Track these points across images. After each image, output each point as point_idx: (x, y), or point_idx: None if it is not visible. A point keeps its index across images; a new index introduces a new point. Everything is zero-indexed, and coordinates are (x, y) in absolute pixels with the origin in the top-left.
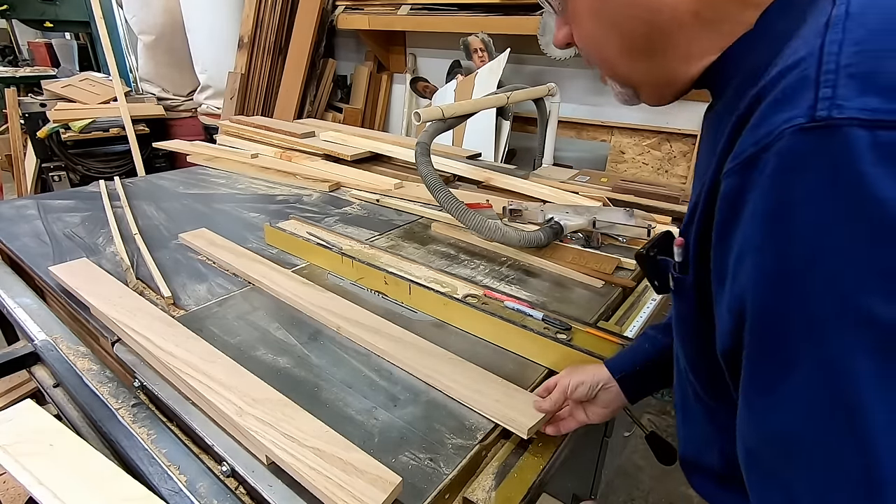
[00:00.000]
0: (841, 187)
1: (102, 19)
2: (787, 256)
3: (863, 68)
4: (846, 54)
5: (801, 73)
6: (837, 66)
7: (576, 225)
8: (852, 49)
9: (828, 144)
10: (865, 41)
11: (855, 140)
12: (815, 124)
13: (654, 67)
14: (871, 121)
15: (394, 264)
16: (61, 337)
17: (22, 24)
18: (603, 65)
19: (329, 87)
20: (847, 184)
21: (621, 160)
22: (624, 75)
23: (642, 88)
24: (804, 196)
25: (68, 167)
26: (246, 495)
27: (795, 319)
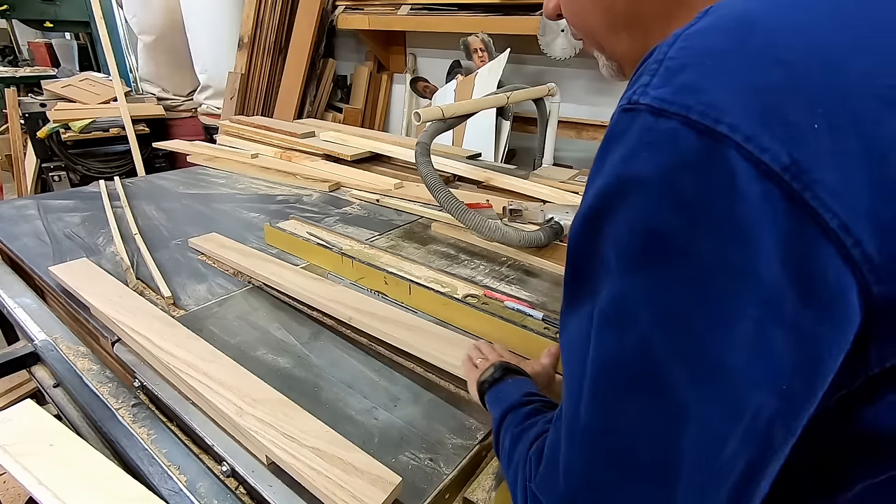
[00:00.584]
0: (623, 161)
1: (102, 19)
2: (586, 210)
3: (675, 63)
4: (674, 48)
5: (645, 64)
6: (664, 57)
7: None
8: (679, 45)
9: (627, 124)
10: (691, 38)
11: (642, 122)
12: (628, 106)
13: (634, 43)
14: (657, 109)
15: (394, 264)
16: (61, 337)
17: (22, 24)
18: (588, 37)
19: (329, 87)
20: (626, 159)
21: None
22: (608, 48)
23: (625, 64)
24: (606, 168)
25: (68, 167)
26: (246, 495)
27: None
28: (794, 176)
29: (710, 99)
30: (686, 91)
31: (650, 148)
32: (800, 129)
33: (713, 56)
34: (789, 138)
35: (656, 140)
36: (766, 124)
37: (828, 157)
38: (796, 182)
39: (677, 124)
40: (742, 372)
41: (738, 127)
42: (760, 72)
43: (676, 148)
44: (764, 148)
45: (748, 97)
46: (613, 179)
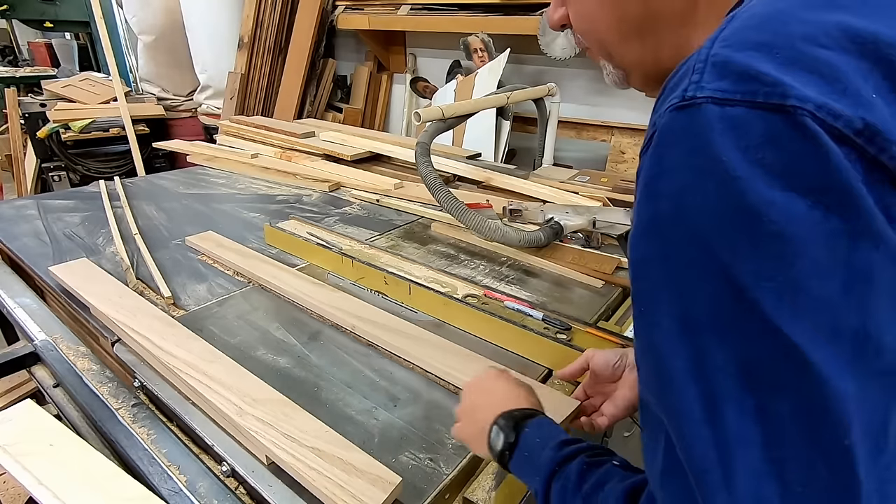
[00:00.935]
0: (695, 152)
1: (102, 19)
2: (656, 214)
3: (721, 58)
4: (716, 47)
5: (686, 66)
6: (708, 56)
7: (576, 225)
8: (721, 44)
9: (689, 118)
10: (730, 37)
11: (708, 114)
12: (683, 103)
13: (644, 51)
14: (721, 99)
15: (394, 264)
16: (61, 337)
17: (22, 24)
18: (597, 46)
19: (329, 87)
20: (699, 149)
21: (621, 160)
22: (616, 56)
23: (632, 71)
24: (670, 163)
25: (68, 167)
26: (246, 495)
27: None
28: (868, 140)
29: (771, 79)
30: (745, 79)
31: (725, 134)
32: (862, 98)
33: (759, 47)
34: (857, 105)
35: (729, 126)
36: (833, 95)
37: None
38: (871, 146)
39: (745, 109)
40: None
41: (806, 97)
42: (808, 53)
43: (753, 129)
44: (836, 115)
45: (805, 74)
46: (689, 172)
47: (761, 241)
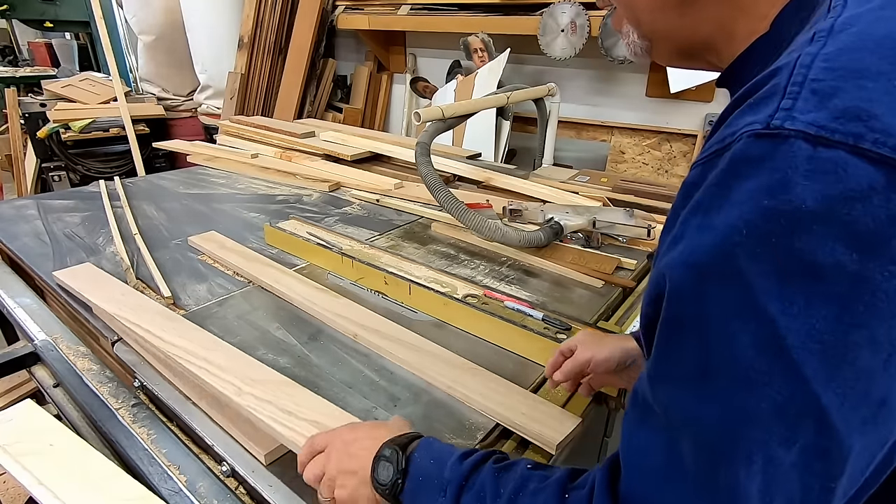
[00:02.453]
0: (772, 192)
1: (102, 19)
2: (710, 249)
3: (825, 85)
4: (816, 69)
5: (774, 82)
6: (805, 79)
7: (576, 225)
8: (822, 65)
9: (773, 152)
10: (836, 58)
11: (797, 151)
12: (768, 132)
13: (682, 23)
14: (816, 136)
15: (394, 264)
16: (61, 337)
17: (22, 24)
18: (630, 12)
19: (329, 87)
20: (775, 190)
21: (621, 160)
22: (646, 24)
23: (660, 45)
24: (738, 197)
25: (68, 167)
26: (246, 495)
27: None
28: None
29: (884, 126)
30: (850, 117)
31: (812, 177)
32: None
33: (872, 78)
34: None
35: (819, 169)
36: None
37: None
38: None
39: (844, 153)
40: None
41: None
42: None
43: (847, 178)
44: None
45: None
46: (757, 213)
47: (821, 303)
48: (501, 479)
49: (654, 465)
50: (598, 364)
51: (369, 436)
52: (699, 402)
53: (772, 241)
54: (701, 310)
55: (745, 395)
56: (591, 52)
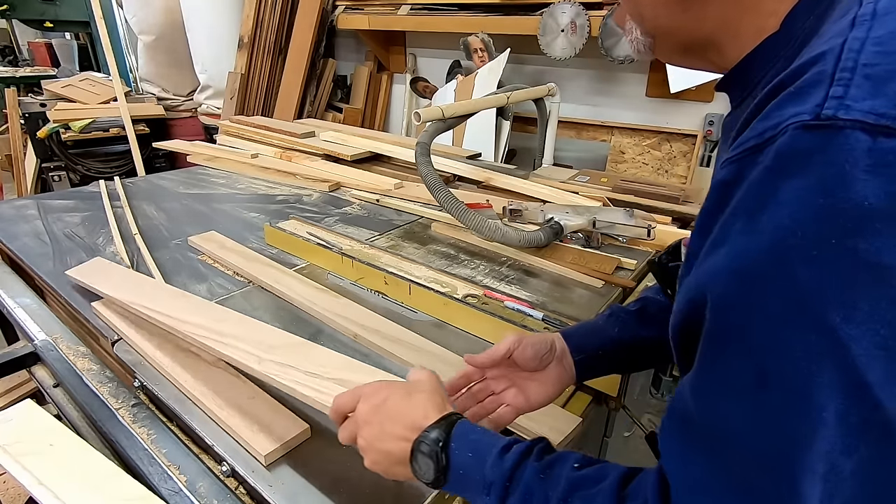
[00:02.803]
0: (828, 190)
1: (102, 19)
2: (757, 254)
3: (881, 70)
4: (867, 53)
5: (819, 69)
6: (856, 64)
7: (576, 225)
8: (874, 49)
9: (826, 145)
10: (889, 41)
11: (854, 143)
12: (818, 123)
13: (685, 19)
14: (876, 126)
15: (394, 264)
16: (61, 337)
17: (22, 24)
18: (634, 8)
19: (329, 87)
20: (833, 187)
21: (621, 160)
22: (652, 22)
23: (663, 41)
24: (787, 196)
25: (68, 167)
26: (246, 495)
27: (746, 316)
28: None
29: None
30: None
31: (874, 171)
32: None
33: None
34: None
35: (882, 162)
36: None
37: None
38: None
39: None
40: None
41: None
42: None
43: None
44: None
45: None
46: (811, 213)
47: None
48: (548, 482)
49: (698, 477)
50: (526, 353)
51: (401, 421)
52: (753, 414)
53: (831, 242)
54: (750, 320)
55: (804, 406)
56: (591, 52)
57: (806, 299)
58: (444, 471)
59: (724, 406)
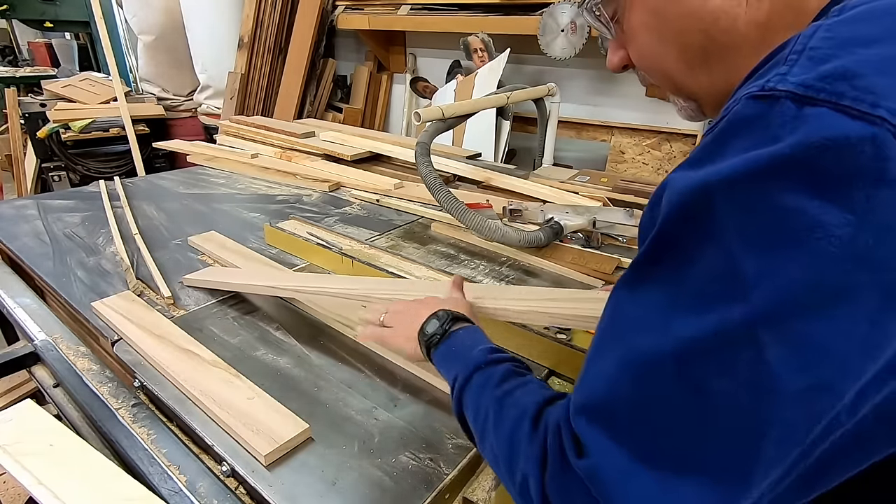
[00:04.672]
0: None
1: (102, 19)
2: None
3: (821, 52)
4: (816, 38)
5: (781, 54)
6: (804, 47)
7: (576, 225)
8: (822, 35)
9: (763, 111)
10: (836, 28)
11: (783, 109)
12: (762, 93)
13: (714, 79)
14: (800, 96)
15: (394, 264)
16: (61, 337)
17: (22, 24)
18: (665, 81)
19: (329, 87)
20: (761, 142)
21: (621, 160)
22: (686, 89)
23: (704, 101)
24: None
25: (68, 167)
26: (246, 495)
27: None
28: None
29: (866, 84)
30: (836, 77)
31: (793, 133)
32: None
33: (864, 43)
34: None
35: (800, 127)
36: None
37: None
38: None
39: (826, 110)
40: (848, 356)
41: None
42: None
43: (824, 132)
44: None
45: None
46: (740, 162)
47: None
48: (509, 378)
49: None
50: None
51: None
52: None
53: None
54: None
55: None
56: (591, 52)
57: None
58: (443, 335)
59: (625, 297)
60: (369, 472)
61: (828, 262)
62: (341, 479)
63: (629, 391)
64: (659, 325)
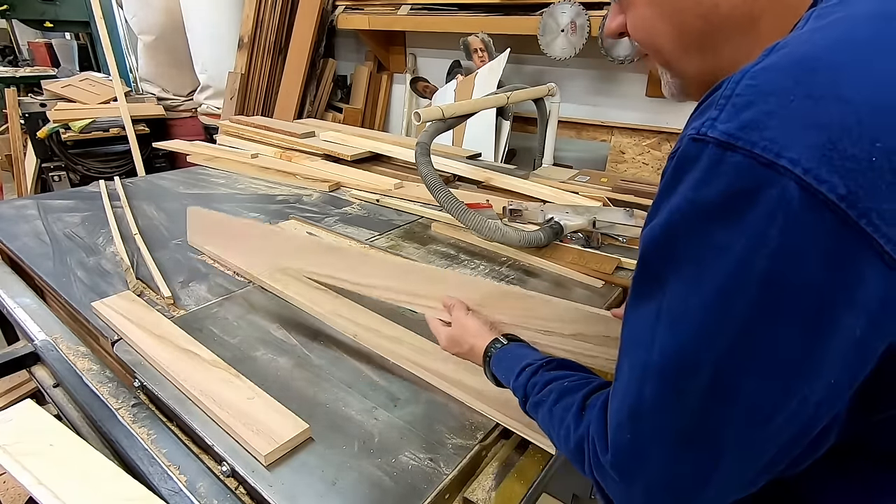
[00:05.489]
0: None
1: (102, 19)
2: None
3: (743, 100)
4: (741, 84)
5: (717, 93)
6: (732, 93)
7: (576, 225)
8: (747, 82)
9: (699, 155)
10: (758, 76)
11: (711, 154)
12: (698, 137)
13: (704, 64)
14: (724, 143)
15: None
16: (61, 337)
17: (22, 24)
18: (656, 54)
19: (329, 87)
20: (696, 184)
21: (621, 160)
22: (675, 67)
23: (690, 83)
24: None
25: (68, 167)
26: (246, 495)
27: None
28: (851, 205)
29: (774, 135)
30: (751, 127)
31: (717, 177)
32: (858, 163)
33: (777, 95)
34: (847, 171)
35: (722, 171)
36: (825, 159)
37: (886, 188)
38: (852, 210)
39: (741, 157)
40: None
41: (797, 161)
42: (821, 110)
43: (740, 178)
44: (822, 180)
45: (808, 133)
46: (684, 202)
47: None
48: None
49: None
50: None
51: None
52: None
53: (688, 225)
54: (651, 266)
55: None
56: (591, 52)
57: (678, 258)
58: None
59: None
60: (369, 472)
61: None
62: (341, 479)
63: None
64: (649, 338)
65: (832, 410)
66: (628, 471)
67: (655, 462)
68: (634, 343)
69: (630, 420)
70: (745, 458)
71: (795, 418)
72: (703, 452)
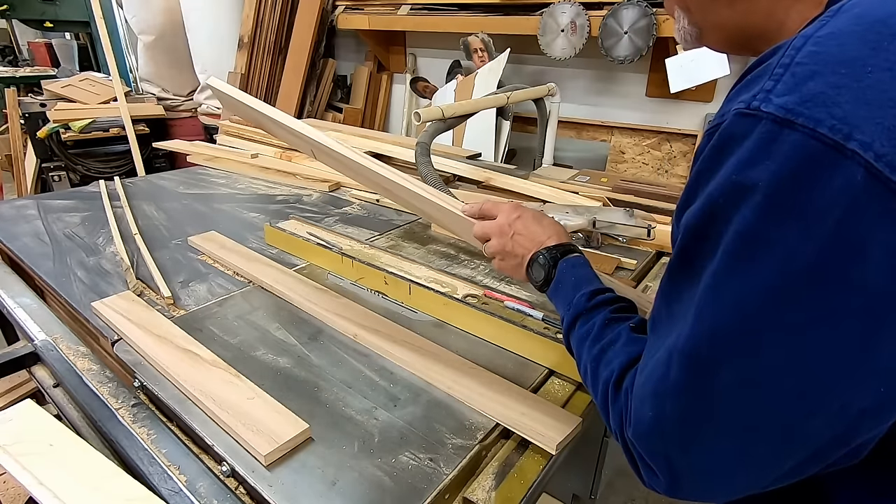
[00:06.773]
0: (741, 166)
1: (102, 19)
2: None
3: (806, 69)
4: (804, 52)
5: (770, 61)
6: (791, 61)
7: (576, 225)
8: (810, 48)
9: (749, 132)
10: (824, 42)
11: (764, 131)
12: (748, 112)
13: (733, 14)
14: (781, 119)
15: (394, 264)
16: (61, 337)
17: (22, 24)
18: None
19: (329, 87)
20: (743, 164)
21: (621, 160)
22: (697, 13)
23: (710, 32)
24: (721, 171)
25: (68, 167)
26: (246, 495)
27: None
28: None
29: (843, 113)
30: (815, 102)
31: (769, 157)
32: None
33: (848, 65)
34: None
35: (776, 151)
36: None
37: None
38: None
39: (801, 136)
40: (838, 367)
41: (869, 144)
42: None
43: (797, 160)
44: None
45: (886, 113)
46: (728, 184)
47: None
48: (605, 329)
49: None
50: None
51: (530, 237)
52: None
53: (732, 208)
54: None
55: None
56: (591, 52)
57: (718, 246)
58: (548, 281)
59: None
60: (369, 472)
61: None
62: (341, 479)
63: None
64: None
65: (879, 422)
66: (650, 446)
67: (674, 443)
68: (668, 324)
69: (653, 397)
70: (773, 454)
71: (836, 421)
72: (726, 444)
